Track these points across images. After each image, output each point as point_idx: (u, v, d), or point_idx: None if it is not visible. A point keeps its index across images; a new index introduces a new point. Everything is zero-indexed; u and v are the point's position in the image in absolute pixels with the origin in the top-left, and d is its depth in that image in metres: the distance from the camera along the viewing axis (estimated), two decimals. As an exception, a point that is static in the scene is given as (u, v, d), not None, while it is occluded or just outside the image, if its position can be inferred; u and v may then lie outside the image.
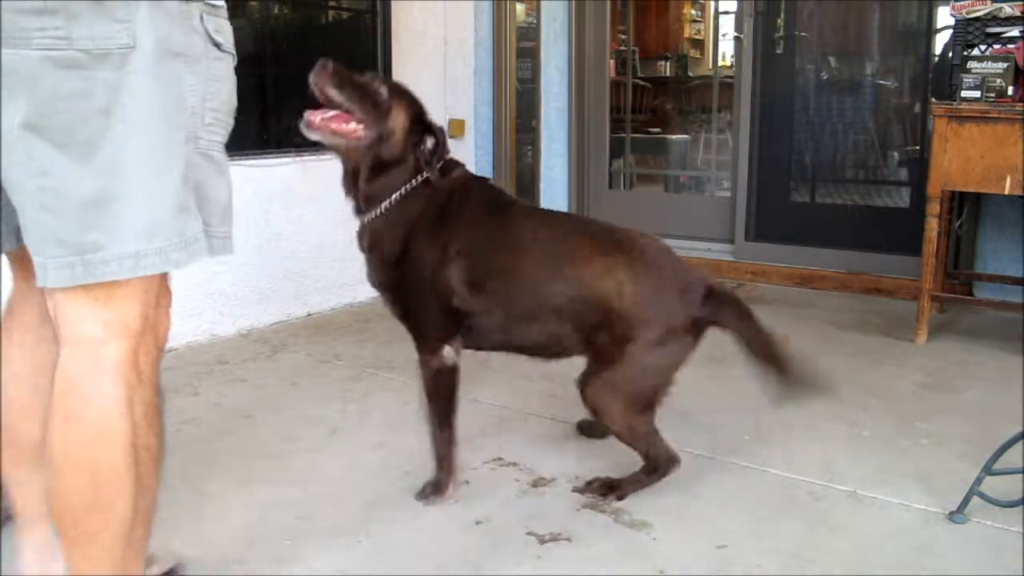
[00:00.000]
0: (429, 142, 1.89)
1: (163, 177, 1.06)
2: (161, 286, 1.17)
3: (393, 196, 1.87)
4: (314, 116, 1.81)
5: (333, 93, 1.80)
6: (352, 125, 1.82)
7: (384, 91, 1.87)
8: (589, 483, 1.95)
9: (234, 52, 1.17)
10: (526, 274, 1.89)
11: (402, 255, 1.88)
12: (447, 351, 1.90)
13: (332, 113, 1.81)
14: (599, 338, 1.85)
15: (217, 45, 1.12)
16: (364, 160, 1.87)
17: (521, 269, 1.89)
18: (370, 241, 1.92)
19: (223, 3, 1.15)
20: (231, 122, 1.18)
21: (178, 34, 1.05)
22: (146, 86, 1.03)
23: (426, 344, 1.91)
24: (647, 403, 1.90)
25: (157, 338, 1.18)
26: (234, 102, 1.18)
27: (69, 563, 1.15)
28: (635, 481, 1.94)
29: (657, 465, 1.93)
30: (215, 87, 1.12)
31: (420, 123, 1.91)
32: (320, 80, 1.79)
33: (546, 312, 1.88)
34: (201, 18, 1.09)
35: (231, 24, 1.19)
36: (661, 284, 1.87)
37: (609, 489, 1.93)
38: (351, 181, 1.92)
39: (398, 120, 1.87)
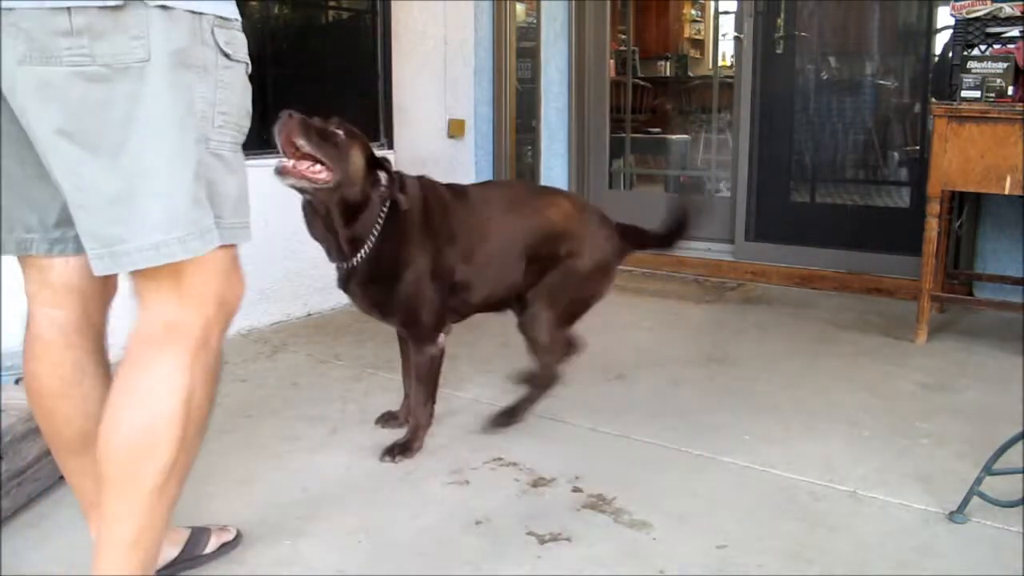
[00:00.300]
0: (383, 178, 2.03)
1: (178, 175, 1.16)
2: (231, 266, 1.28)
3: (372, 235, 2.03)
4: (287, 163, 1.89)
5: (301, 142, 1.87)
6: (319, 168, 1.91)
7: (341, 134, 1.97)
8: (499, 414, 2.29)
9: (247, 61, 1.26)
10: (496, 232, 2.20)
11: (401, 273, 2.07)
12: (441, 339, 2.17)
13: (305, 164, 1.90)
14: (544, 254, 2.20)
15: (227, 55, 1.21)
16: (333, 204, 1.98)
17: (493, 230, 2.20)
18: (365, 279, 2.08)
19: (236, 17, 1.24)
20: (245, 124, 1.27)
21: (189, 47, 1.15)
22: (161, 95, 1.13)
23: (427, 337, 2.15)
24: (573, 316, 2.27)
25: (228, 313, 1.29)
26: (247, 106, 1.27)
27: (104, 505, 1.23)
28: (531, 399, 2.31)
29: (551, 379, 2.30)
30: (224, 93, 1.21)
31: (372, 160, 2.04)
32: (288, 130, 1.86)
33: (510, 255, 2.19)
34: (212, 32, 1.18)
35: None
36: (596, 217, 2.31)
37: (510, 416, 2.29)
38: (323, 228, 2.03)
39: (357, 161, 1.99)
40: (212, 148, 1.20)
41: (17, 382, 2.35)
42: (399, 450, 2.14)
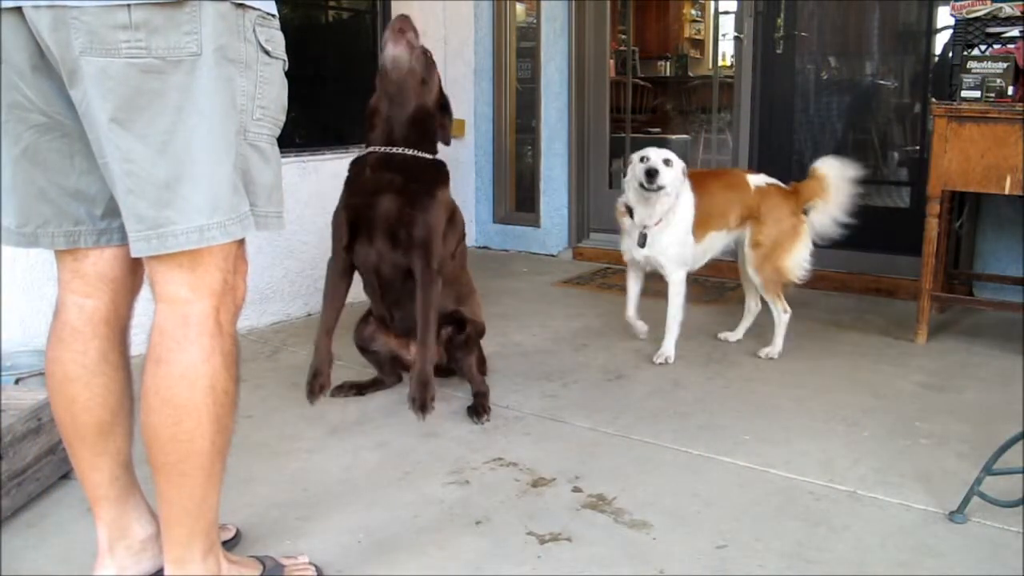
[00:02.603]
0: (446, 116, 2.33)
1: (221, 163, 1.23)
2: (238, 256, 1.34)
3: (428, 153, 2.28)
4: (398, 33, 2.21)
5: (411, 36, 2.21)
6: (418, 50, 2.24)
7: (430, 52, 2.30)
8: (473, 407, 2.43)
9: (285, 58, 1.34)
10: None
11: (436, 198, 2.24)
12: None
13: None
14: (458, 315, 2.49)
15: (267, 52, 1.28)
16: (411, 95, 2.23)
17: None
18: (400, 169, 2.21)
19: (276, 16, 1.32)
20: (281, 118, 1.35)
21: (233, 43, 1.23)
22: (208, 87, 1.20)
23: (434, 269, 2.24)
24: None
25: (235, 299, 1.35)
26: (283, 101, 1.35)
27: (157, 489, 1.32)
28: (487, 404, 2.44)
29: (485, 388, 2.50)
30: (264, 88, 1.29)
31: (441, 89, 2.34)
32: (406, 25, 2.22)
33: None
34: (254, 30, 1.26)
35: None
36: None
37: (483, 411, 2.40)
38: (388, 107, 2.24)
39: (436, 76, 2.31)
40: (250, 139, 1.28)
41: (17, 382, 2.35)
42: (420, 405, 2.16)
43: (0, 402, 1.91)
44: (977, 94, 2.94)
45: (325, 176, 3.54)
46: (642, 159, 2.82)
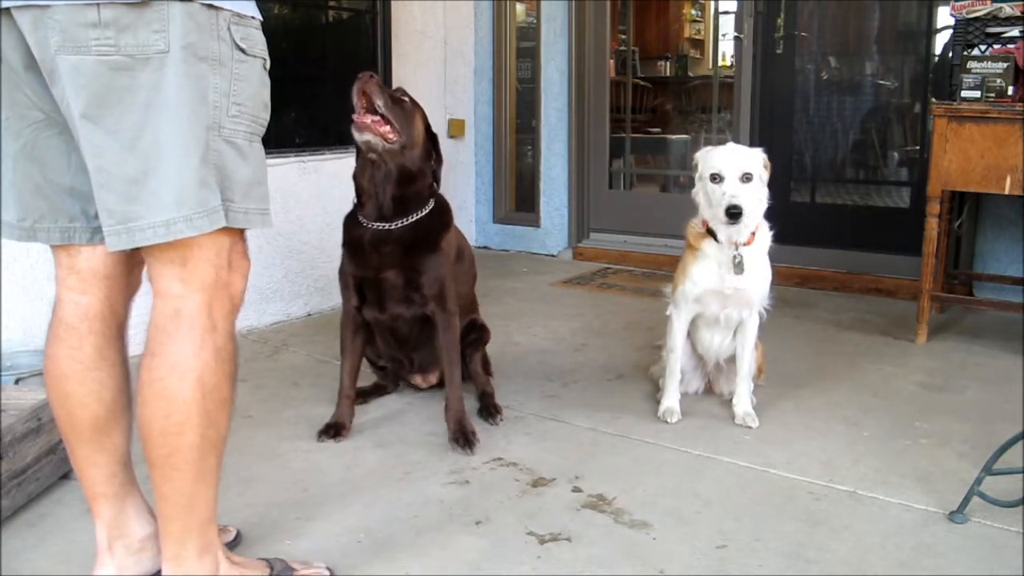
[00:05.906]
0: (434, 159, 2.24)
1: (188, 158, 1.24)
2: (233, 251, 1.35)
3: (425, 209, 2.22)
4: (365, 119, 2.05)
5: (379, 102, 2.05)
6: (387, 127, 2.08)
7: (407, 101, 2.17)
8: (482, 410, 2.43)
9: (265, 56, 1.35)
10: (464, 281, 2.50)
11: (441, 248, 2.23)
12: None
13: (375, 117, 2.06)
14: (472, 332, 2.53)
15: (242, 50, 1.29)
16: (393, 165, 2.14)
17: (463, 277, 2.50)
18: (404, 243, 2.18)
19: (254, 16, 1.32)
20: (262, 116, 1.35)
21: (205, 41, 1.24)
22: (176, 84, 1.21)
23: (453, 310, 2.28)
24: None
25: (231, 295, 1.36)
26: (264, 99, 1.36)
27: (153, 484, 1.35)
28: (496, 403, 2.46)
29: (491, 388, 2.52)
30: (239, 85, 1.29)
31: (429, 131, 2.23)
32: (369, 88, 2.04)
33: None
34: (228, 28, 1.27)
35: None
36: None
37: (495, 411, 2.42)
38: (373, 183, 2.16)
39: (419, 127, 2.18)
40: (225, 136, 1.28)
41: (17, 382, 2.35)
42: (463, 442, 2.19)
43: (0, 402, 1.91)
44: (977, 94, 2.94)
45: (325, 176, 3.54)
46: (714, 178, 2.20)
